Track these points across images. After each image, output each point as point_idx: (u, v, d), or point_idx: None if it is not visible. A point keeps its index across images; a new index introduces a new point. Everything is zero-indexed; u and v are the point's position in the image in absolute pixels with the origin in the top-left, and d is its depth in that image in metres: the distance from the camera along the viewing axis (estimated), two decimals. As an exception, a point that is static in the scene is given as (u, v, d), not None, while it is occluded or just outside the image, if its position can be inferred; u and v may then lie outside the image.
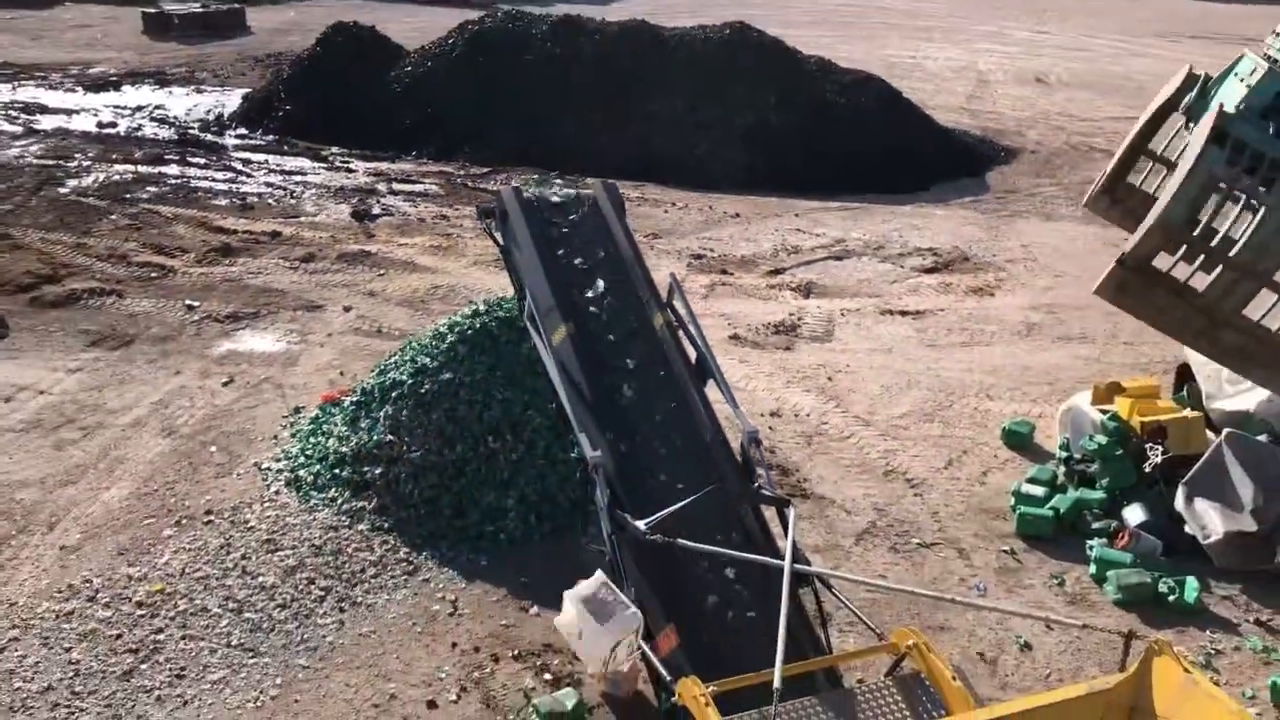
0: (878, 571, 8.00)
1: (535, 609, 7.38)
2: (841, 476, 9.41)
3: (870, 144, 19.17)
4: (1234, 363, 7.86)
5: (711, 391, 6.86)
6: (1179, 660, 3.84)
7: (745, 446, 6.21)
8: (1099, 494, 8.67)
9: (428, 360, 8.71)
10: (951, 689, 4.46)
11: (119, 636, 6.98)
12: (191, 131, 20.92)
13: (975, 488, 9.24)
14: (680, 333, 7.04)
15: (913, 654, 4.71)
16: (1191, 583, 7.73)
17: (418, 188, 18.06)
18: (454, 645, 7.03)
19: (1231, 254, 7.11)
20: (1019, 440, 9.90)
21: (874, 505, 8.96)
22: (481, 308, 9.01)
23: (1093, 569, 8.02)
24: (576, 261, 7.25)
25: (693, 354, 6.94)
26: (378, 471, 8.40)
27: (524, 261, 7.30)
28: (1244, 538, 7.96)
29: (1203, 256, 7.35)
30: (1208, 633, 7.43)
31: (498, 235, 7.72)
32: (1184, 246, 7.39)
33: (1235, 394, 9.29)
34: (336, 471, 8.67)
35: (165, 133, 20.84)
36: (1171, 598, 7.65)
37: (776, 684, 3.86)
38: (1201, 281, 7.50)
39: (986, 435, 10.14)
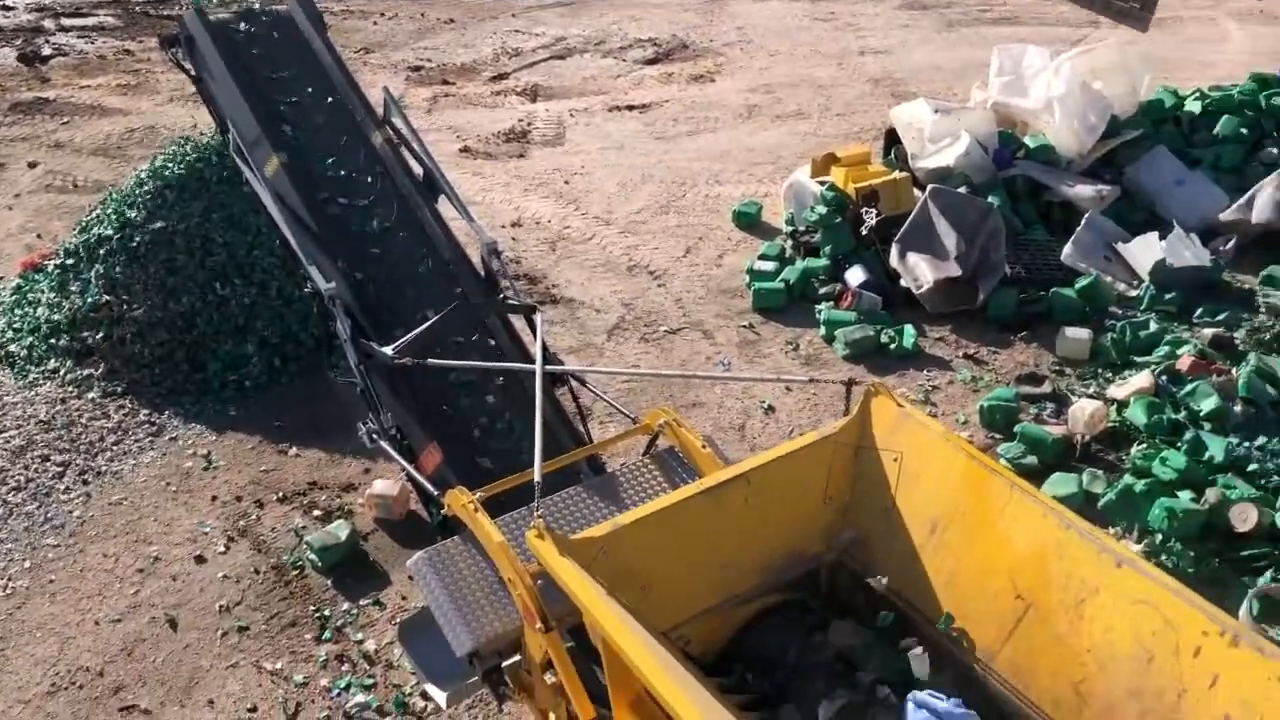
0: (631, 362, 8.30)
1: (294, 449, 7.26)
2: (588, 277, 9.57)
3: (579, -65, 18.62)
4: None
5: (446, 208, 6.72)
6: (893, 397, 4.23)
7: (485, 259, 6.16)
8: (823, 261, 9.23)
9: (133, 212, 8.06)
10: (702, 456, 4.74)
11: None
12: None
13: (713, 271, 9.63)
14: (404, 150, 6.78)
15: (665, 431, 4.94)
16: (909, 330, 8.46)
17: (90, 21, 16.24)
18: (214, 498, 6.85)
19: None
20: (749, 220, 10.32)
21: (621, 301, 9.20)
22: (186, 147, 8.37)
23: (822, 331, 8.62)
24: (278, 85, 6.78)
25: (419, 171, 6.72)
26: (99, 336, 7.85)
27: (221, 91, 6.75)
28: (950, 283, 8.73)
29: None
30: (925, 372, 8.19)
31: (187, 65, 7.08)
32: None
33: (936, 151, 9.95)
34: (52, 342, 8.04)
35: None
36: (892, 346, 8.36)
37: (536, 478, 3.99)
38: None
39: (719, 219, 10.50)
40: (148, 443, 7.32)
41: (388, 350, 5.23)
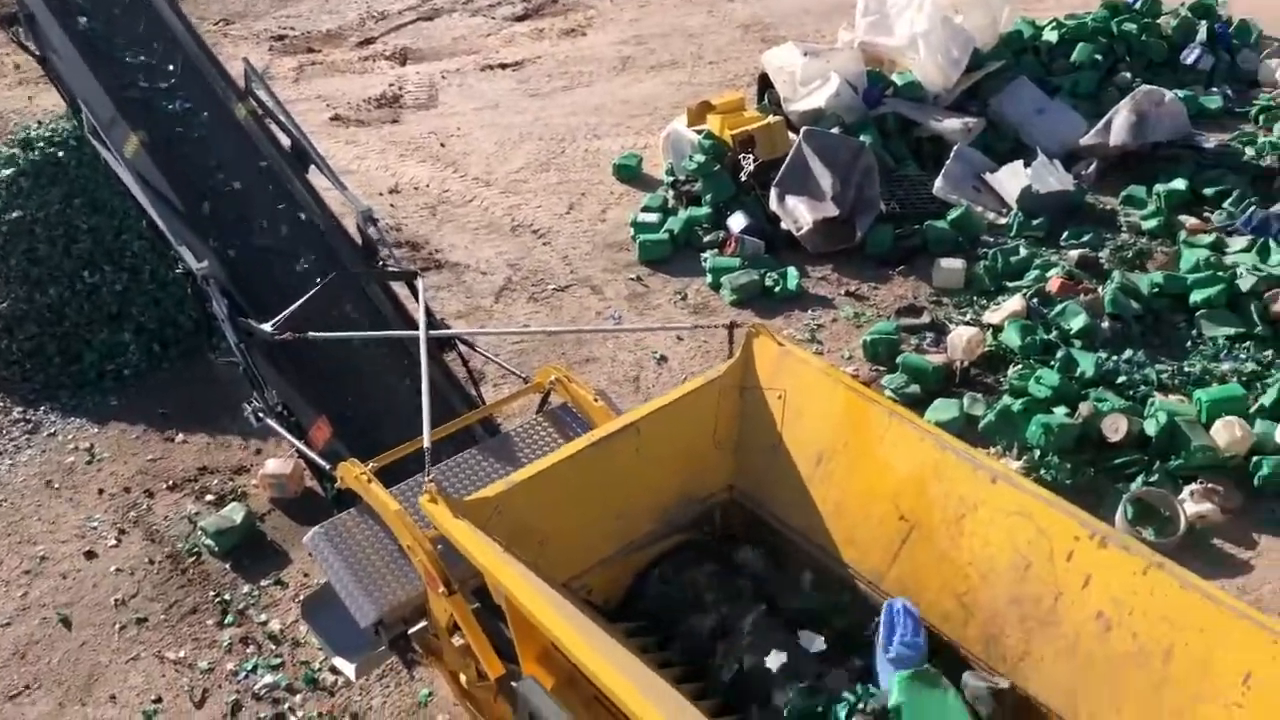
0: (520, 323, 8.29)
1: (181, 436, 7.09)
2: (471, 240, 9.49)
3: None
4: None
5: (320, 179, 6.58)
6: (774, 337, 4.33)
7: (362, 227, 6.07)
8: (705, 209, 9.30)
9: (-14, 203, 7.70)
10: (595, 410, 4.79)
11: None
12: None
13: (597, 226, 9.64)
14: (270, 122, 6.61)
15: (557, 388, 4.98)
16: (792, 272, 8.60)
17: (-77, 3, 15.32)
18: (100, 491, 6.67)
19: None
20: (629, 173, 10.33)
21: (507, 262, 9.15)
22: (41, 132, 8.00)
23: (709, 278, 8.72)
24: (130, 60, 6.52)
25: (287, 143, 6.56)
26: (-39, 334, 7.52)
27: (69, 69, 6.45)
28: (829, 223, 8.89)
29: None
30: (810, 311, 8.36)
31: (29, 44, 6.76)
32: None
33: (807, 94, 10.08)
34: (-88, 344, 7.67)
35: None
36: (777, 289, 8.50)
37: (426, 444, 3.99)
38: None
39: (600, 174, 10.49)
40: (24, 441, 7.06)
41: (267, 327, 5.14)
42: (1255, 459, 6.46)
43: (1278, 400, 6.82)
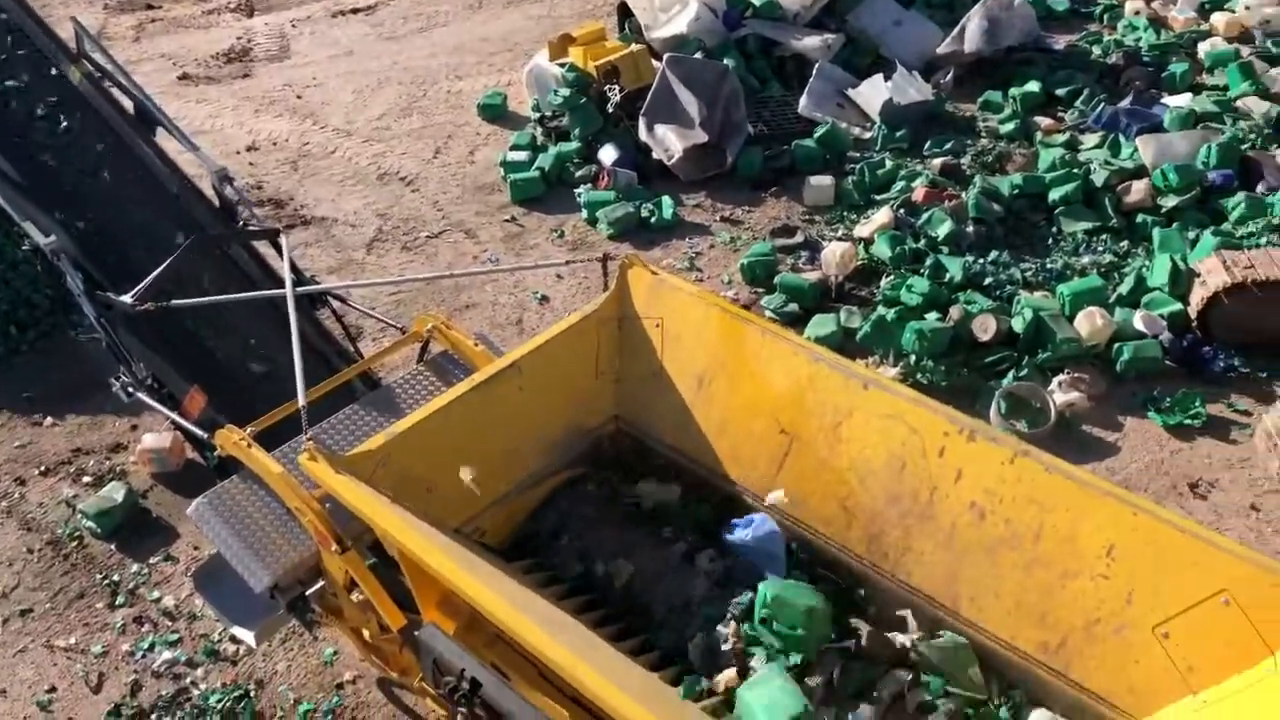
0: (395, 273, 8.14)
1: (49, 419, 6.82)
2: (337, 193, 9.25)
3: None
4: None
5: (170, 142, 6.32)
6: (647, 266, 4.36)
7: (218, 187, 5.86)
8: (575, 144, 9.22)
9: None
10: (476, 354, 4.76)
11: None
12: None
13: (466, 169, 9.49)
14: (110, 85, 6.29)
15: (435, 336, 4.93)
16: (667, 201, 8.62)
17: None
18: (-33, 485, 6.39)
19: None
20: (495, 112, 10.16)
21: (376, 212, 8.96)
22: None
23: (584, 214, 8.68)
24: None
25: (130, 105, 6.27)
26: None
27: (-120, 42, 6.05)
28: (699, 150, 8.91)
29: None
30: (688, 239, 8.40)
31: None
32: None
33: (668, 20, 10.03)
34: None
35: None
36: (653, 219, 8.51)
37: (301, 402, 3.92)
38: None
39: (465, 115, 10.30)
40: (-124, 439, 6.71)
41: (126, 298, 4.96)
42: (1116, 346, 6.77)
43: (1134, 289, 7.15)
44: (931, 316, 6.96)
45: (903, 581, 3.63)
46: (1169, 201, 7.86)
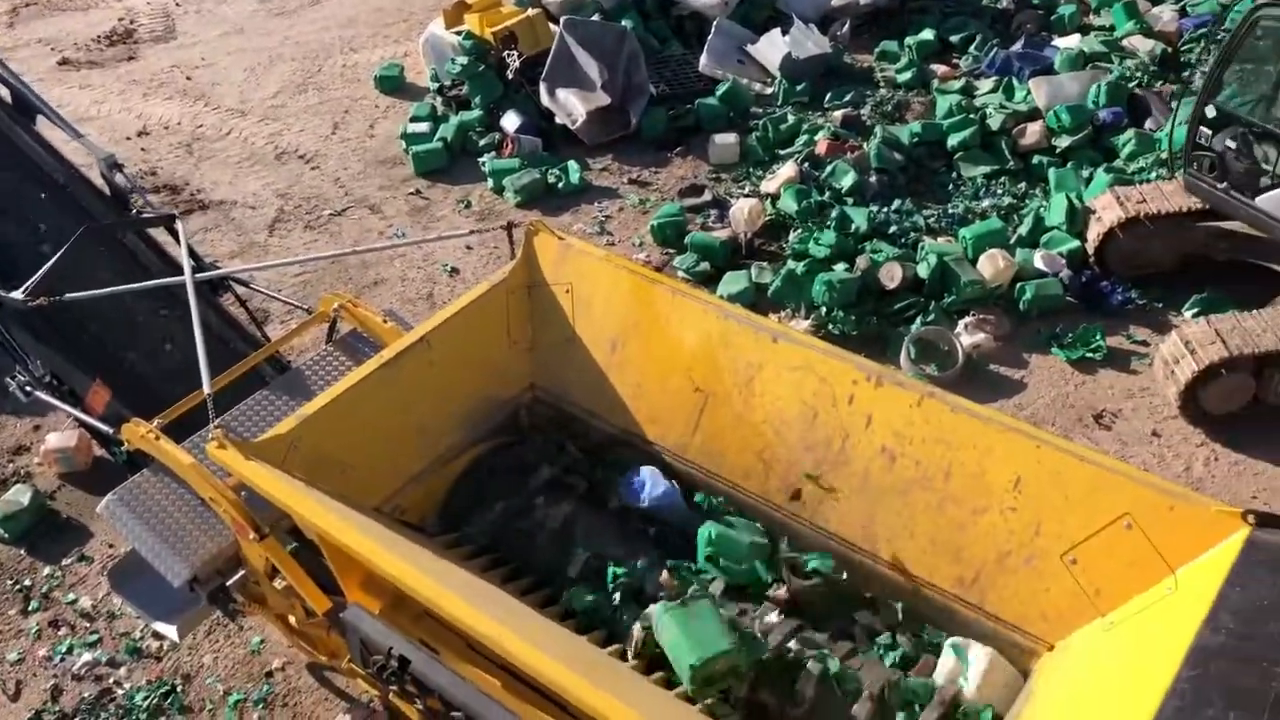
0: (298, 254, 7.97)
1: (-56, 428, 6.58)
2: (235, 175, 9.01)
3: None
4: None
5: (54, 131, 6.09)
6: (553, 232, 4.34)
7: (107, 175, 5.67)
8: (477, 112, 9.11)
9: None
10: (385, 331, 4.70)
11: None
12: None
13: (367, 143, 9.31)
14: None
15: (343, 315, 4.86)
16: (573, 166, 8.56)
17: None
18: None
19: None
20: (393, 84, 9.97)
21: (276, 193, 8.76)
22: None
23: (490, 183, 8.58)
24: None
25: (5, 93, 6.02)
26: None
27: None
28: (603, 112, 8.86)
29: None
30: (597, 204, 8.37)
31: None
32: None
33: (563, -16, 9.91)
34: None
35: None
36: (561, 185, 8.46)
37: (207, 390, 3.84)
38: None
39: (362, 89, 10.09)
40: None
41: (17, 295, 4.79)
42: (1019, 285, 6.95)
43: (1034, 229, 7.33)
44: (839, 267, 7.05)
45: (821, 528, 3.70)
46: (1063, 142, 8.06)
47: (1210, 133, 6.42)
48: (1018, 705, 3.15)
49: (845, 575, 3.58)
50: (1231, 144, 6.31)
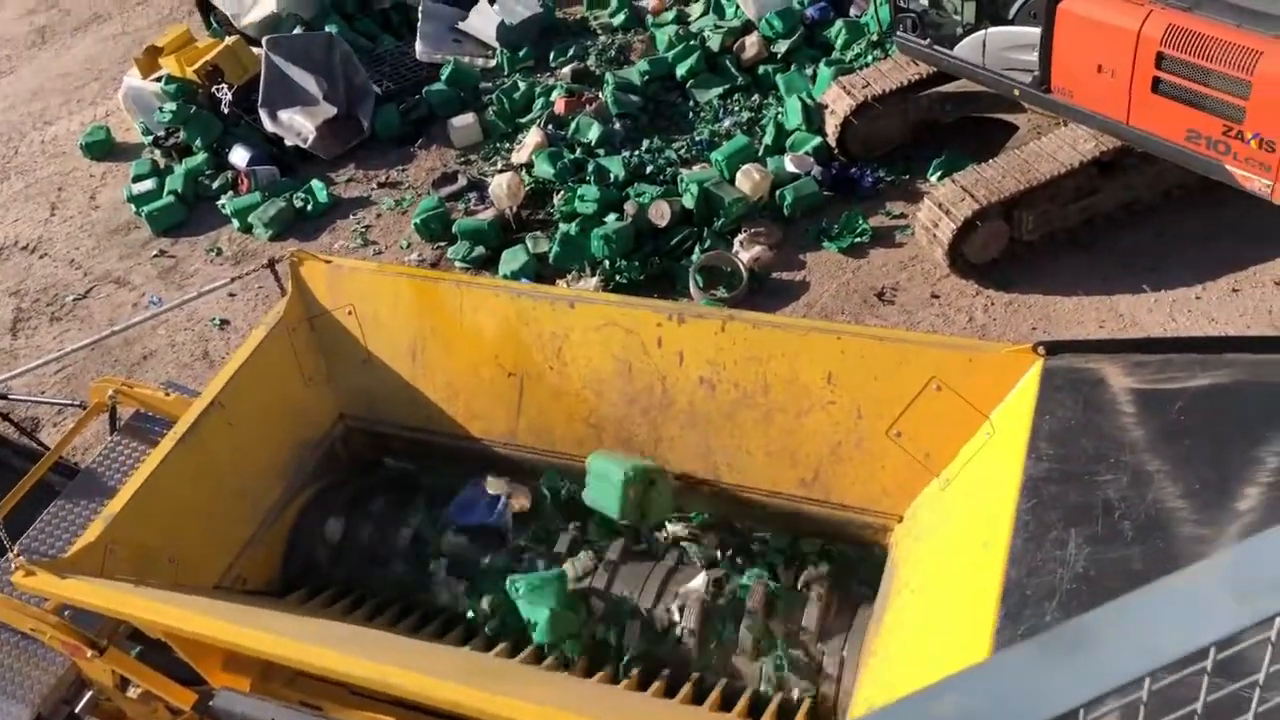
0: (51, 350, 7.41)
1: None
2: (-46, 285, 8.28)
3: None
4: None
5: None
6: (318, 257, 4.19)
7: None
8: (201, 156, 8.63)
9: None
10: (169, 403, 4.45)
11: None
12: None
13: (92, 216, 8.71)
14: None
15: (120, 400, 4.57)
16: (317, 185, 8.27)
17: None
18: None
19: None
20: (102, 149, 9.34)
21: (7, 292, 8.11)
22: None
23: (235, 224, 8.19)
24: None
25: None
26: None
27: None
28: (332, 124, 8.58)
29: None
30: (353, 216, 8.12)
31: None
32: None
33: (254, 5, 9.51)
34: None
35: None
36: (310, 207, 8.17)
37: (-6, 524, 3.55)
38: None
39: (70, 161, 9.42)
40: None
41: None
42: (779, 192, 7.20)
43: (777, 136, 7.59)
44: (610, 219, 7.11)
45: (668, 470, 3.76)
46: (781, 47, 8.34)
47: (908, -7, 6.74)
48: (885, 582, 3.31)
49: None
50: (925, 1, 6.66)
